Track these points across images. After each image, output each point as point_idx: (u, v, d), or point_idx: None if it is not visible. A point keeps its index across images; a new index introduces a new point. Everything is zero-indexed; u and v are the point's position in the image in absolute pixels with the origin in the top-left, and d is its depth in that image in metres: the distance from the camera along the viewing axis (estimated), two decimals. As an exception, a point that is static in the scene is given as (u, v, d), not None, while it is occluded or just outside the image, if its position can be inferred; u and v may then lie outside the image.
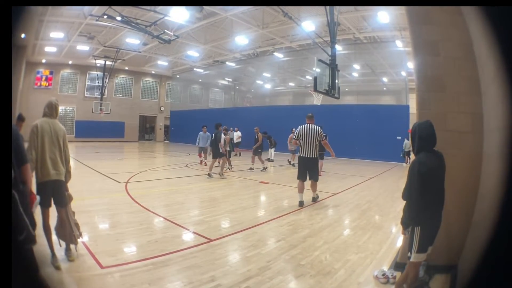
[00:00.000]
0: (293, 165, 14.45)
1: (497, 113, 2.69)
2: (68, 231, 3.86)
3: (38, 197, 3.30)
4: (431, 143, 2.75)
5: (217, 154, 11.18)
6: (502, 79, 2.25)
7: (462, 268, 3.06)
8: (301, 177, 7.26)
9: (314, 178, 7.30)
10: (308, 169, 7.21)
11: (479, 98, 3.34)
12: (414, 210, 2.70)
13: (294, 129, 13.69)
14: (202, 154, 14.41)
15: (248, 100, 35.58)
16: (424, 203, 2.65)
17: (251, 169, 13.13)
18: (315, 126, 7.14)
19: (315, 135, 7.05)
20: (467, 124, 3.48)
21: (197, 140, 13.93)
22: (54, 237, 3.80)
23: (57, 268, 3.59)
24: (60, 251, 3.84)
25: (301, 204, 7.04)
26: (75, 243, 3.97)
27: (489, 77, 2.90)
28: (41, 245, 4.19)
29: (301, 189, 7.20)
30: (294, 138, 7.32)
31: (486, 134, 3.22)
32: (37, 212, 3.42)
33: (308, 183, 7.38)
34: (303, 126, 7.18)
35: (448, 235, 3.10)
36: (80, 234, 4.10)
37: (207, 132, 13.64)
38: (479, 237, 2.72)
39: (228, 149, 12.65)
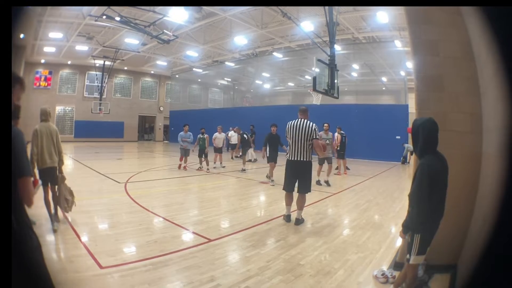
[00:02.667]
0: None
1: (496, 113, 2.70)
2: (57, 201, 5.27)
3: (40, 181, 4.47)
4: (436, 144, 2.67)
5: (270, 158, 10.18)
6: (501, 79, 2.25)
7: (461, 267, 3.07)
8: (289, 187, 5.76)
9: (305, 189, 5.68)
10: (298, 177, 5.67)
11: (478, 98, 3.34)
12: (422, 217, 2.61)
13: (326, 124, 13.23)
14: (184, 158, 12.74)
15: (247, 100, 35.60)
16: (431, 210, 2.61)
17: (243, 170, 12.62)
18: (308, 122, 5.61)
19: (307, 133, 5.49)
20: (466, 124, 3.48)
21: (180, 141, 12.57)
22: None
23: (54, 230, 4.87)
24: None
25: (288, 218, 5.81)
26: (65, 211, 5.40)
27: (488, 77, 2.91)
28: (41, 245, 4.20)
29: (289, 202, 5.86)
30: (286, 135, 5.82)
31: (485, 134, 3.23)
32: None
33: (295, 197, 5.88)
34: (293, 121, 5.70)
35: (448, 234, 3.10)
36: (69, 207, 5.40)
37: (189, 132, 12.77)
38: (478, 237, 2.73)
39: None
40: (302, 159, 5.55)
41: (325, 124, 10.52)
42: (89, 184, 8.97)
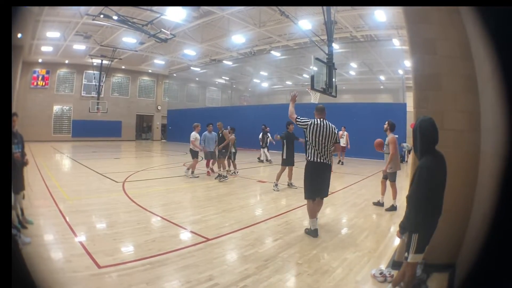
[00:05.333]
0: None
1: (494, 112, 2.70)
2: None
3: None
4: (434, 143, 2.68)
5: (287, 161, 9.07)
6: (499, 77, 2.25)
7: (460, 266, 3.07)
8: (315, 194, 5.15)
9: (326, 194, 5.28)
10: (326, 181, 5.17)
11: (476, 96, 3.34)
12: (419, 219, 2.63)
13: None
14: (211, 161, 11.38)
15: (245, 98, 35.61)
16: (429, 210, 2.62)
17: (223, 176, 10.38)
18: (332, 125, 5.15)
19: (333, 136, 5.07)
20: (464, 123, 3.48)
21: (202, 142, 10.82)
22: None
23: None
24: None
25: (316, 233, 5.05)
26: None
27: (486, 75, 2.91)
28: (38, 245, 4.19)
29: (314, 212, 5.16)
30: (297, 119, 5.13)
31: (484, 132, 3.23)
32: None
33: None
34: (318, 121, 5.08)
35: (446, 233, 3.10)
36: None
37: (213, 132, 10.98)
38: (477, 236, 2.73)
39: (233, 150, 11.36)
40: (329, 161, 5.14)
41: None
42: (87, 184, 8.95)
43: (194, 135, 10.93)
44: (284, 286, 3.41)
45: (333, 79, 11.22)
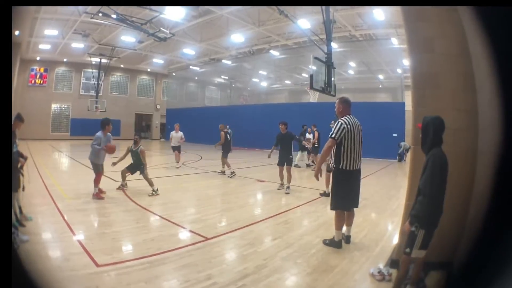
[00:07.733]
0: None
1: (492, 110, 2.70)
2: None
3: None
4: (441, 141, 2.84)
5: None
6: (497, 76, 2.25)
7: (457, 265, 3.07)
8: (349, 205, 4.53)
9: (357, 202, 4.65)
10: (358, 189, 4.53)
11: (474, 95, 3.34)
12: (434, 205, 2.72)
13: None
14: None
15: (244, 98, 35.58)
16: (442, 201, 2.69)
17: (222, 172, 11.22)
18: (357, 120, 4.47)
19: (361, 133, 4.47)
20: (462, 121, 3.47)
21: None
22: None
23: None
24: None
25: (340, 244, 4.48)
26: None
27: (484, 73, 2.91)
28: (36, 243, 4.19)
29: (342, 223, 4.54)
30: (334, 137, 4.19)
31: (481, 131, 3.23)
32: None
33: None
34: (350, 119, 4.34)
35: (443, 232, 3.10)
36: None
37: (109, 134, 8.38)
38: (473, 234, 2.74)
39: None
40: (360, 167, 4.50)
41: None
42: (85, 182, 8.92)
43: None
44: (283, 285, 3.41)
45: (332, 78, 11.21)
